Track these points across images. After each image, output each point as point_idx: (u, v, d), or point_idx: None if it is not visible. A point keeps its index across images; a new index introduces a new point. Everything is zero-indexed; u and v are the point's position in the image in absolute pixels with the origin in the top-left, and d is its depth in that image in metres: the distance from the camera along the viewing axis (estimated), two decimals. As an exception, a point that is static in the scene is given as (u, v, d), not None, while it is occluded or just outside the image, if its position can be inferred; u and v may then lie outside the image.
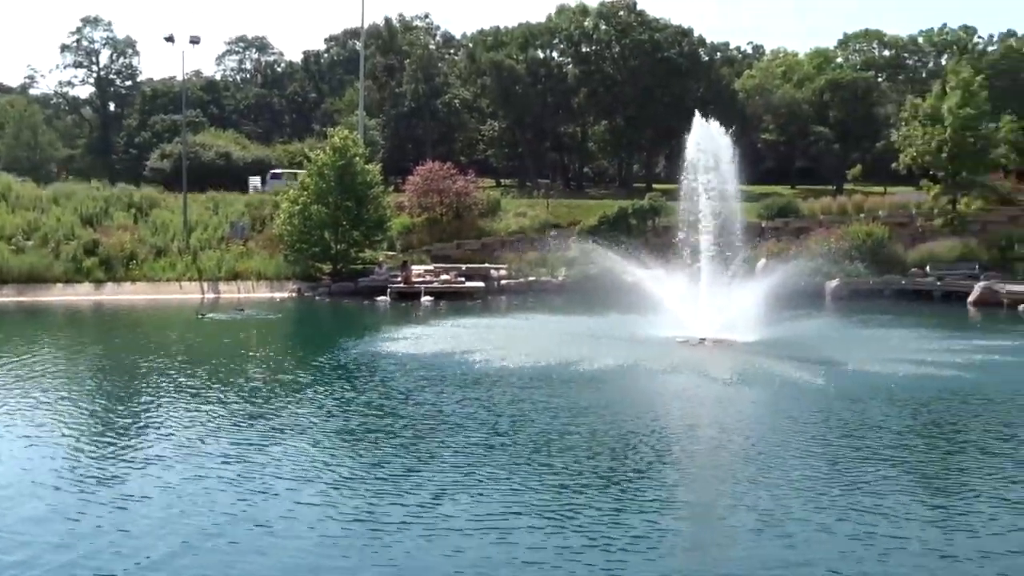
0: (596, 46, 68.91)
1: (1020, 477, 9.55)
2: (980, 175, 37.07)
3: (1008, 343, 20.07)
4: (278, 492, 8.99)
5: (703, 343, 18.71)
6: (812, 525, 7.87)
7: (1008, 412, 12.80)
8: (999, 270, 31.11)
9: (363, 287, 31.70)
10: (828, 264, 30.67)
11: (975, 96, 35.45)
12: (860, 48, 79.20)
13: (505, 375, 15.16)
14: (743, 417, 12.67)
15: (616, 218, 38.46)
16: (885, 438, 11.14)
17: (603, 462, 9.96)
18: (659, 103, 64.50)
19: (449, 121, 71.83)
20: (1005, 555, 7.25)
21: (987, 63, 62.26)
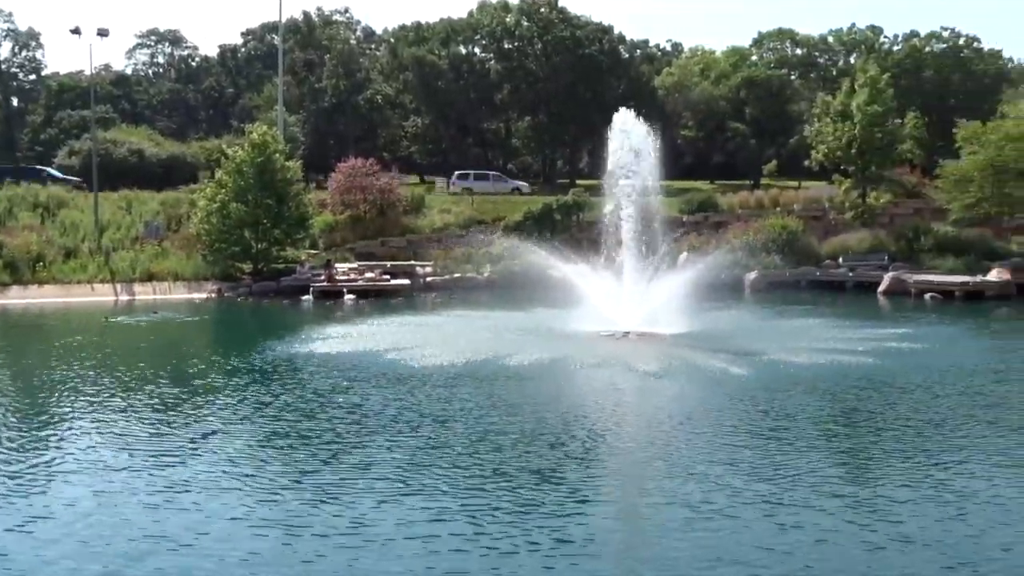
0: (518, 42, 69.09)
1: (933, 461, 9.90)
2: (887, 170, 38.56)
3: (916, 330, 20.90)
4: (192, 506, 8.46)
5: (627, 336, 18.94)
6: (740, 519, 7.88)
7: (920, 398, 13.30)
8: (906, 260, 32.40)
9: (285, 287, 31.06)
10: (746, 257, 31.45)
11: (882, 94, 36.81)
12: (774, 47, 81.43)
13: (431, 373, 15.02)
14: (669, 409, 12.84)
15: (541, 214, 38.66)
16: (806, 427, 11.44)
17: (531, 460, 9.84)
18: (581, 99, 65.06)
19: (371, 117, 70.97)
20: (929, 542, 7.45)
21: (893, 62, 64.79)
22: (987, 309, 26.42)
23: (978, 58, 70.90)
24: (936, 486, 8.83)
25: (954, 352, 17.82)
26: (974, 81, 68.55)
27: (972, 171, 35.07)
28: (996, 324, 23.71)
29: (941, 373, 15.24)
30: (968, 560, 6.94)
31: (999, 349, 18.83)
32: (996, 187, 34.86)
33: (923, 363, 16.20)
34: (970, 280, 29.14)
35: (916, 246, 32.67)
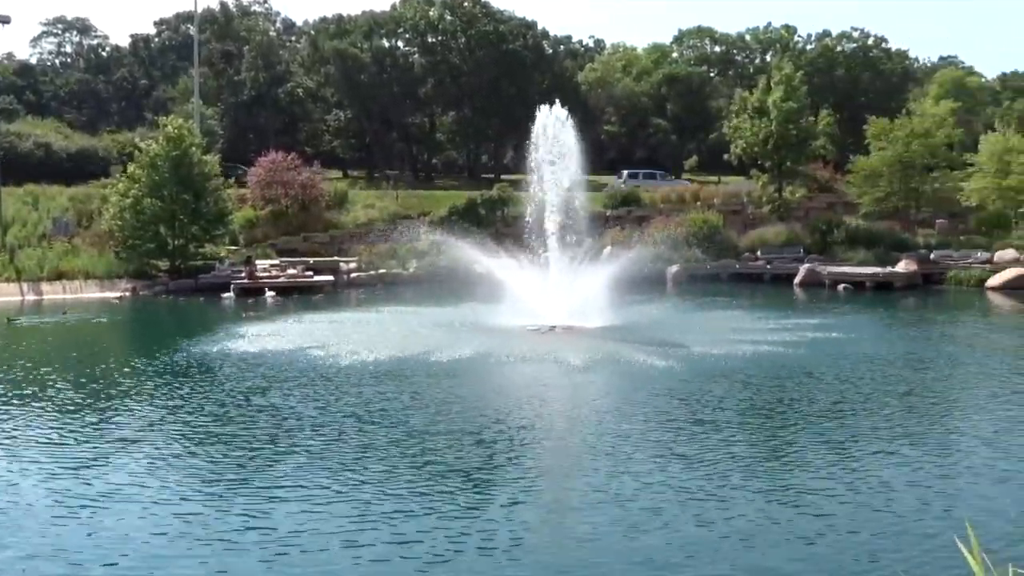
0: (442, 36, 68.73)
1: (854, 449, 10.18)
2: (802, 165, 39.80)
3: (831, 320, 21.61)
4: (90, 520, 7.91)
5: (553, 330, 19.04)
6: (668, 516, 7.81)
7: (834, 385, 13.71)
8: (821, 253, 33.48)
9: (204, 284, 30.23)
10: (668, 251, 32.00)
11: (796, 91, 37.93)
12: (694, 44, 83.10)
13: (355, 370, 14.78)
14: (596, 403, 12.92)
15: (466, 209, 38.60)
16: (730, 417, 11.63)
17: (458, 459, 9.66)
18: (505, 94, 65.17)
19: (292, 111, 69.64)
20: (856, 530, 7.64)
21: (806, 61, 66.88)
22: (896, 299, 27.50)
23: (886, 58, 73.74)
24: (858, 474, 8.96)
25: (866, 341, 18.47)
26: (883, 80, 71.28)
27: (881, 167, 36.49)
28: (904, 313, 24.70)
29: (855, 361, 15.76)
30: (895, 549, 7.05)
31: (908, 337, 19.62)
32: (903, 182, 36.40)
33: (838, 352, 16.73)
34: (880, 271, 30.29)
35: (829, 239, 33.77)
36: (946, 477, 8.85)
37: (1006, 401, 12.79)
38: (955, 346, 18.24)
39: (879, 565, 6.77)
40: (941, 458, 9.65)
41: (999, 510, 7.97)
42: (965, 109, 52.20)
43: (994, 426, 11.05)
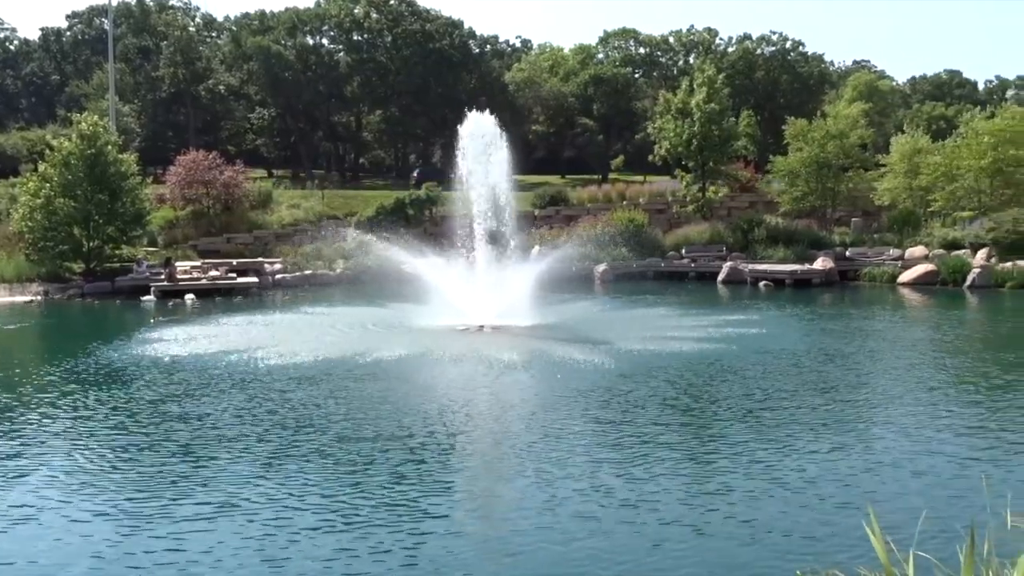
0: (368, 34, 68.09)
1: (779, 444, 10.45)
2: (724, 165, 40.74)
3: (753, 317, 22.18)
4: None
5: (482, 330, 19.04)
6: (599, 522, 7.71)
7: (758, 380, 14.05)
8: (742, 251, 34.32)
9: (122, 286, 29.25)
10: (596, 249, 32.41)
11: (718, 93, 38.78)
12: (619, 45, 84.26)
13: (278, 374, 14.48)
14: (525, 402, 12.93)
15: (394, 208, 38.34)
16: (658, 414, 11.76)
17: (384, 465, 9.47)
18: (433, 93, 64.95)
19: (214, 108, 68.03)
20: (787, 532, 7.80)
21: (728, 63, 68.54)
22: (814, 295, 28.37)
23: (804, 61, 76.10)
24: (785, 471, 9.15)
25: (787, 336, 19.00)
26: (800, 82, 73.56)
27: (798, 167, 37.60)
28: (822, 309, 25.49)
29: (777, 356, 16.19)
30: (826, 551, 7.16)
31: (827, 332, 20.24)
32: (819, 181, 37.58)
33: (761, 347, 17.16)
34: (798, 268, 31.22)
35: (751, 237, 34.61)
36: (870, 471, 9.07)
37: (921, 394, 13.31)
38: (871, 340, 18.90)
39: (802, 560, 6.92)
40: (863, 452, 9.93)
41: (912, 503, 8.29)
42: (877, 111, 54.29)
43: (911, 419, 11.47)
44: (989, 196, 34.19)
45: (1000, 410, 12.03)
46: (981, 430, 10.91)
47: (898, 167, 37.30)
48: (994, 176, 34.00)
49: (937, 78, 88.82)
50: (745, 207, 41.22)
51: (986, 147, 33.89)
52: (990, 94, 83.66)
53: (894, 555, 2.97)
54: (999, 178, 34.08)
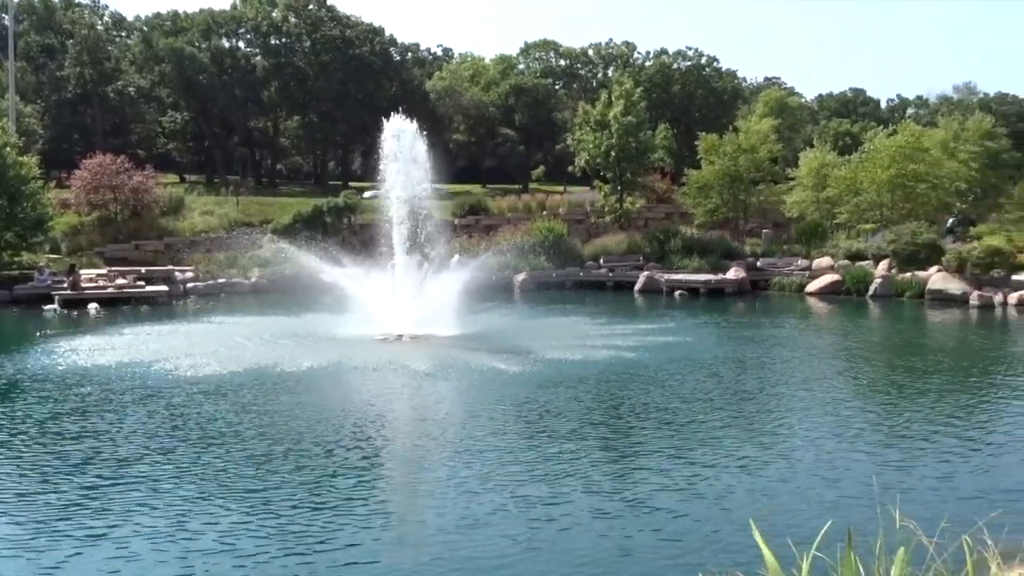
0: (286, 39, 66.94)
1: (689, 449, 10.65)
2: (641, 176, 41.51)
3: (669, 325, 22.61)
4: None
5: (401, 339, 18.87)
6: (515, 539, 7.61)
7: (673, 388, 14.32)
8: (659, 261, 34.97)
9: (22, 295, 27.91)
10: (516, 259, 32.56)
11: (635, 106, 39.52)
12: (539, 57, 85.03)
13: (189, 386, 14.02)
14: (443, 413, 12.86)
15: (311, 216, 37.70)
16: (575, 423, 11.85)
17: (299, 480, 9.24)
18: (353, 100, 64.28)
19: (123, 110, 65.74)
20: (695, 541, 7.95)
21: (645, 76, 69.88)
22: (727, 304, 29.13)
23: (718, 76, 78.19)
24: (702, 479, 9.31)
25: (702, 344, 19.43)
26: (715, 97, 75.53)
27: (712, 179, 38.61)
28: (734, 318, 26.18)
29: (692, 364, 16.54)
30: (740, 561, 7.33)
31: (740, 340, 20.77)
32: (732, 194, 38.66)
33: (677, 355, 17.49)
34: (712, 278, 32.02)
35: (667, 247, 35.30)
36: (784, 481, 9.27)
37: (828, 400, 13.77)
38: (782, 348, 19.49)
39: (713, 567, 7.05)
40: (776, 459, 10.19)
41: (818, 506, 8.56)
42: (787, 127, 56.14)
43: (820, 425, 11.85)
44: (890, 209, 35.76)
45: (900, 414, 12.55)
46: (883, 434, 11.36)
47: (806, 181, 38.68)
48: (895, 191, 35.58)
49: (843, 96, 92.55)
50: (661, 218, 42.07)
51: (887, 163, 35.48)
52: (892, 112, 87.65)
53: (794, 557, 3.05)
54: (899, 192, 35.68)
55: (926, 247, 29.99)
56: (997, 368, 17.00)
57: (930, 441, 10.91)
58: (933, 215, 35.43)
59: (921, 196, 35.72)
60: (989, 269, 27.73)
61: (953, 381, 15.60)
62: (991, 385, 15.28)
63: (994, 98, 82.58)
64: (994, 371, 16.68)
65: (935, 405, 13.14)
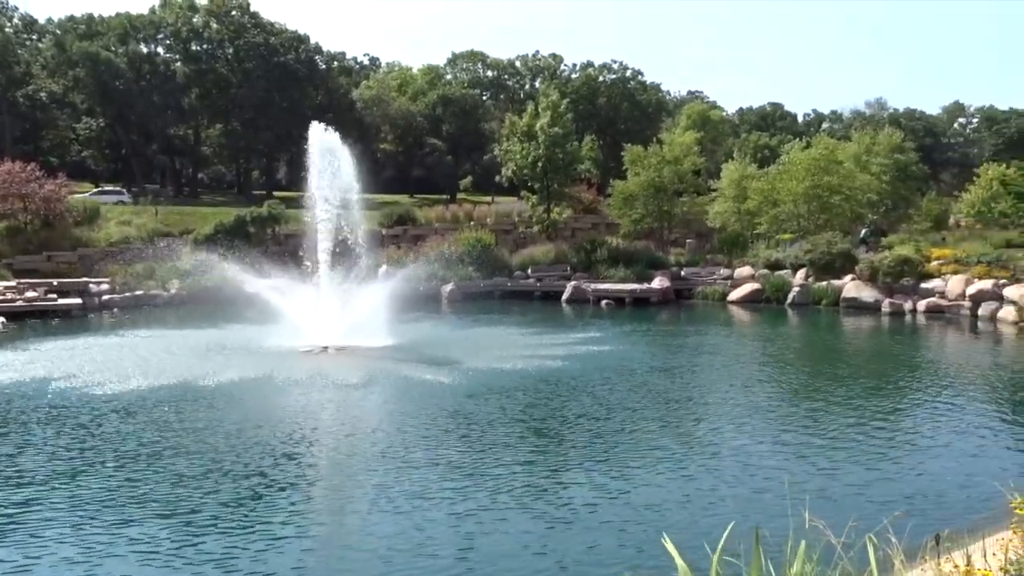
0: (207, 45, 65.49)
1: (618, 458, 10.76)
2: (568, 187, 41.93)
3: (596, 334, 22.84)
4: None
5: (326, 351, 18.60)
6: (439, 559, 7.54)
7: (602, 397, 14.45)
8: (585, 271, 35.34)
9: (-80, 309, 26.47)
10: (443, 269, 32.47)
11: (562, 117, 39.94)
12: (467, 67, 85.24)
13: (101, 403, 13.51)
14: (370, 425, 12.68)
15: (234, 226, 36.87)
16: (504, 433, 11.87)
17: (215, 499, 8.95)
18: (277, 108, 63.28)
19: (34, 116, 63.24)
20: (605, 544, 8.02)
21: (572, 89, 70.74)
22: (652, 313, 29.60)
23: (642, 89, 79.71)
24: (629, 485, 9.41)
25: (628, 353, 19.70)
26: (640, 110, 76.97)
27: (637, 190, 39.27)
28: (660, 327, 26.63)
29: (619, 372, 16.74)
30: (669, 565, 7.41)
31: (665, 348, 21.14)
32: (656, 204, 39.38)
33: (604, 364, 17.69)
34: (638, 287, 32.51)
35: (593, 258, 35.69)
36: (707, 487, 9.43)
37: (748, 407, 14.12)
38: (704, 356, 19.91)
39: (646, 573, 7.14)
40: (703, 466, 10.41)
41: (734, 508, 8.75)
42: (709, 139, 57.58)
43: (744, 435, 12.12)
44: (807, 220, 36.95)
45: (818, 419, 12.95)
46: (802, 438, 11.70)
47: (728, 192, 39.69)
48: (811, 202, 36.80)
49: (762, 110, 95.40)
50: (588, 228, 42.55)
51: (803, 175, 36.68)
52: (808, 126, 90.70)
53: (706, 561, 3.10)
54: (815, 203, 36.92)
55: (841, 256, 31.07)
56: (909, 374, 17.70)
57: (846, 445, 11.28)
58: (847, 225, 36.73)
59: (836, 207, 37.02)
60: (899, 277, 28.88)
61: (867, 387, 16.17)
62: (902, 390, 15.90)
63: (903, 114, 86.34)
64: (905, 376, 17.37)
65: (850, 410, 13.59)
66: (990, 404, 14.28)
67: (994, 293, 26.05)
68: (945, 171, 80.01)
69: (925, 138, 77.36)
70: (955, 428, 12.30)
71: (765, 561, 2.96)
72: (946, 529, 4.29)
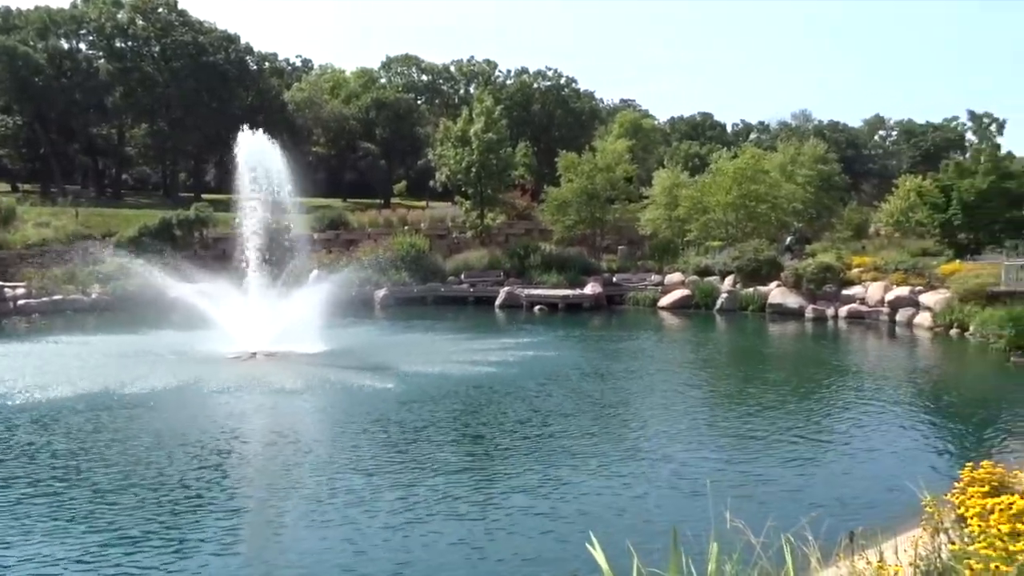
0: (133, 42, 63.67)
1: (551, 462, 10.81)
2: (502, 193, 42.06)
3: (528, 340, 22.94)
4: None
5: (255, 357, 18.24)
6: (368, 566, 7.46)
7: (532, 401, 14.51)
8: (519, 276, 35.49)
9: None
10: (376, 274, 32.20)
11: (496, 123, 40.05)
12: (401, 71, 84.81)
13: (18, 412, 12.98)
14: (297, 435, 12.42)
15: (159, 229, 35.94)
16: (437, 440, 11.79)
17: (144, 508, 8.71)
18: (206, 108, 61.88)
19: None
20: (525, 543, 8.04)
21: (506, 95, 71.00)
22: (585, 318, 29.90)
23: (576, 97, 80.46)
24: (561, 491, 9.44)
25: (561, 358, 19.83)
26: (573, 117, 77.66)
27: (570, 197, 39.63)
28: (592, 332, 26.91)
29: (551, 377, 16.84)
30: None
31: (597, 353, 21.38)
32: (589, 211, 39.82)
33: (536, 369, 17.76)
34: (570, 293, 32.80)
35: (526, 263, 35.87)
36: (645, 495, 9.44)
37: (681, 413, 14.37)
38: (637, 361, 20.18)
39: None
40: (634, 470, 10.51)
41: (660, 513, 8.89)
42: (641, 148, 58.44)
43: (675, 439, 12.29)
44: (735, 228, 37.83)
45: (745, 422, 13.25)
46: (729, 440, 11.96)
47: (659, 199, 40.36)
48: (739, 210, 37.70)
49: (693, 119, 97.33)
50: (522, 234, 42.73)
51: (730, 184, 37.56)
52: (736, 136, 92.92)
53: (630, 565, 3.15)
54: (743, 212, 37.83)
55: (767, 263, 31.89)
56: (832, 378, 18.26)
57: (771, 447, 11.57)
58: (773, 233, 37.72)
59: (762, 215, 38.00)
60: (822, 284, 29.78)
61: (793, 391, 16.63)
62: (826, 394, 16.40)
63: (827, 126, 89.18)
64: (829, 381, 17.91)
65: (776, 414, 13.95)
66: (907, 407, 14.83)
67: (911, 299, 27.07)
68: (866, 182, 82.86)
69: (847, 149, 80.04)
70: (875, 430, 12.74)
71: (686, 561, 3.03)
72: (860, 527, 4.44)
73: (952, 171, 32.81)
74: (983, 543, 2.90)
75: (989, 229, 30.52)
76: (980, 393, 16.49)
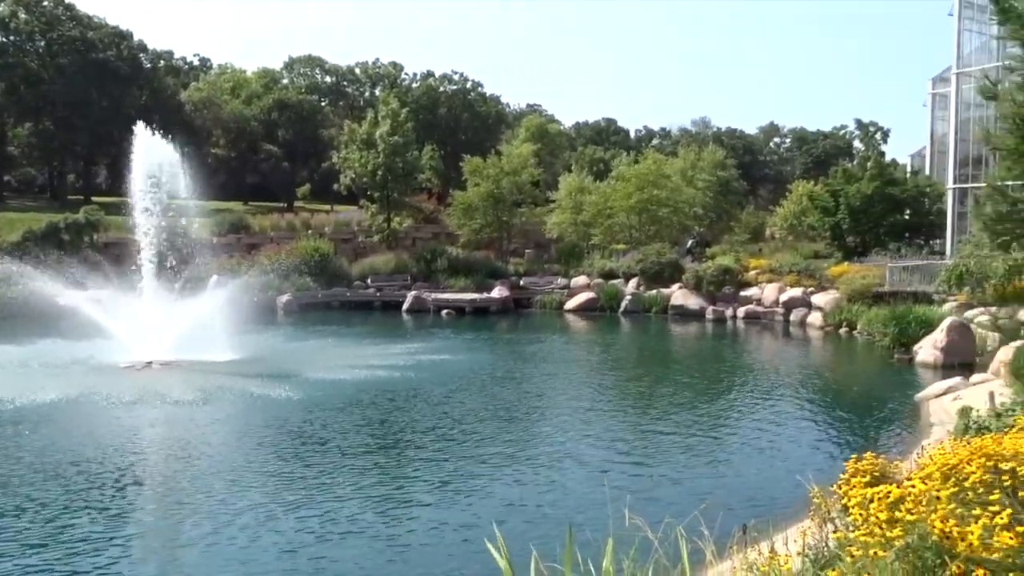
0: (15, 36, 60.40)
1: (459, 465, 10.79)
2: (408, 196, 41.78)
3: (436, 344, 22.87)
4: None
5: (150, 366, 17.55)
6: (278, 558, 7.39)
7: (441, 406, 14.47)
8: (426, 280, 35.34)
9: None
10: (279, 279, 31.49)
11: (402, 126, 39.78)
12: (305, 72, 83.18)
13: None
14: (197, 446, 11.97)
15: (46, 233, 34.23)
16: (343, 449, 11.61)
17: (33, 530, 8.31)
18: (96, 107, 59.27)
19: None
20: (453, 541, 8.01)
21: (412, 98, 70.59)
22: (492, 322, 30.01)
23: (483, 101, 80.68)
24: (466, 498, 9.46)
25: (469, 362, 19.86)
26: (480, 121, 77.84)
27: (477, 200, 39.72)
28: (499, 335, 27.03)
29: (460, 381, 16.85)
30: None
31: (505, 356, 21.48)
32: (496, 215, 39.99)
33: (444, 374, 17.73)
34: (478, 297, 32.86)
35: (434, 267, 35.75)
36: (556, 505, 9.42)
37: (587, 414, 14.57)
38: (544, 364, 20.38)
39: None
40: (541, 473, 10.61)
41: (562, 513, 9.01)
42: (547, 152, 59.08)
43: (580, 440, 12.47)
44: (638, 231, 38.67)
45: (650, 421, 13.57)
46: (632, 439, 12.21)
47: (565, 203, 40.88)
48: (641, 214, 38.56)
49: (597, 125, 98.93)
50: (429, 238, 42.55)
51: (632, 188, 38.39)
52: (639, 142, 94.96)
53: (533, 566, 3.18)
54: (645, 215, 38.71)
55: (669, 266, 32.71)
56: (730, 377, 18.88)
57: (674, 445, 11.87)
58: (675, 237, 38.73)
59: (664, 219, 38.97)
60: (721, 286, 30.76)
61: (694, 390, 17.12)
62: (725, 393, 16.94)
63: (725, 132, 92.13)
64: (728, 380, 18.52)
65: (679, 412, 14.33)
66: (803, 403, 15.47)
67: (803, 300, 28.26)
68: (762, 187, 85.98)
69: (744, 156, 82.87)
70: (772, 425, 13.23)
71: (585, 559, 3.09)
72: (752, 520, 4.60)
73: (840, 177, 34.46)
74: (863, 531, 3.05)
75: (874, 232, 32.17)
76: (867, 388, 17.34)
